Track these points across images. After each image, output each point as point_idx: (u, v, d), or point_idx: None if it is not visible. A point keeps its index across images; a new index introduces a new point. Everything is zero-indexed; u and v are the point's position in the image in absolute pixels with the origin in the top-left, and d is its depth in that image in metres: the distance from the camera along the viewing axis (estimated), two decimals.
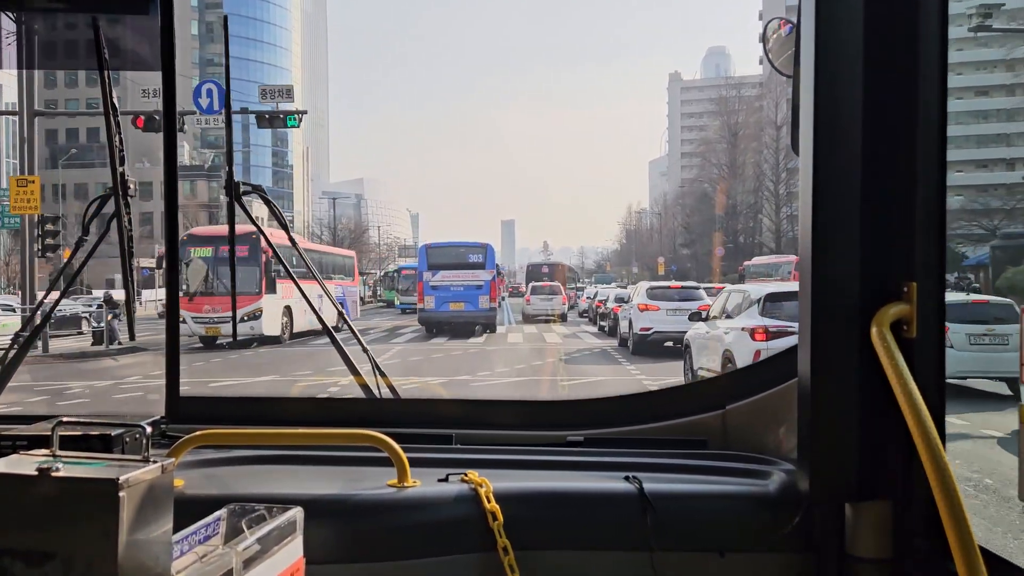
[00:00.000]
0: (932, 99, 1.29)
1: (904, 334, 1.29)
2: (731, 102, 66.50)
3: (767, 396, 1.72)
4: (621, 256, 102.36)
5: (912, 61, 1.29)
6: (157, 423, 1.86)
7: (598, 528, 1.49)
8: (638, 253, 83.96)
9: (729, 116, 64.73)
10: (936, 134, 1.30)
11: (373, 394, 2.27)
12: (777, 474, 1.56)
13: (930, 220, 1.30)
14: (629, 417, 1.85)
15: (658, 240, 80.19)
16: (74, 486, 0.85)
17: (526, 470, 1.65)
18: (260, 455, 1.73)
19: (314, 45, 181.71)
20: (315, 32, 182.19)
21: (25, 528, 0.84)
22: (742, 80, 78.53)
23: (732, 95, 68.00)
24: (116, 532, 0.82)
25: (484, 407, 2.04)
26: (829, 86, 1.33)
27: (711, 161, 67.83)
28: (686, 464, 1.67)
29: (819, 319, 1.35)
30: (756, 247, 52.73)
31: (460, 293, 24.54)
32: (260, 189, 2.45)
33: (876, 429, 1.31)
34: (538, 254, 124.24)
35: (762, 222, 56.74)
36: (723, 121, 65.30)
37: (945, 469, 1.13)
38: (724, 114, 65.54)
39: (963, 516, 1.09)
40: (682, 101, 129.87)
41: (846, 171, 1.33)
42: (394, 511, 1.45)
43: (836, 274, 1.33)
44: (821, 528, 1.42)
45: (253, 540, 1.02)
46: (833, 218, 1.33)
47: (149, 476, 0.88)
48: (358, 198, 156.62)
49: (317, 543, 1.22)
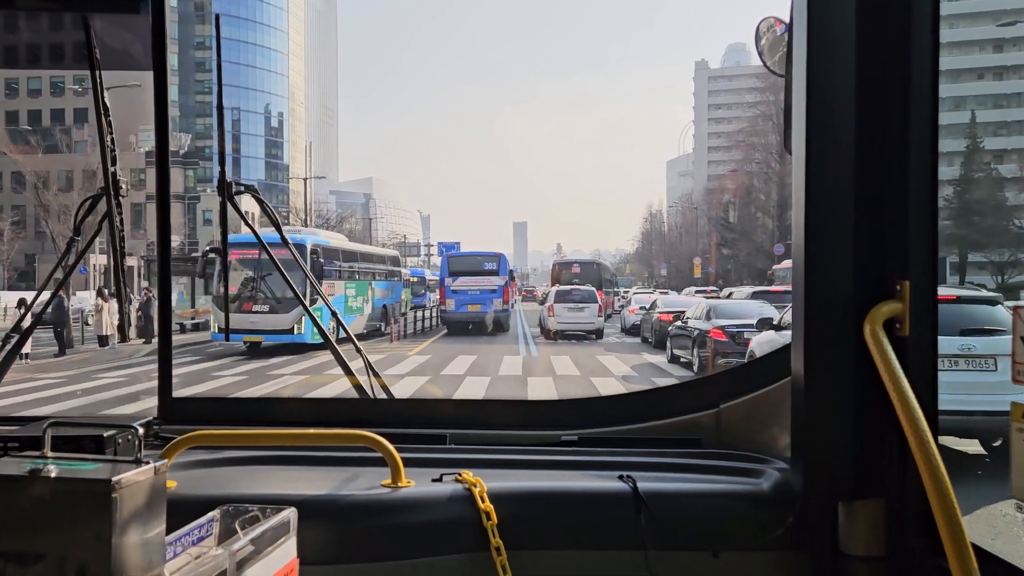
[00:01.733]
0: (924, 98, 1.30)
1: (897, 332, 1.29)
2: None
3: (761, 395, 1.73)
4: (641, 257, 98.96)
5: (904, 61, 1.30)
6: (150, 424, 1.85)
7: (592, 527, 1.49)
8: (668, 254, 79.57)
9: (778, 93, 53.94)
10: (928, 133, 1.30)
11: (367, 394, 2.26)
12: (771, 473, 1.56)
13: (923, 219, 1.30)
14: (623, 416, 1.85)
15: (688, 240, 74.67)
16: (66, 487, 0.84)
17: (520, 470, 1.65)
18: (253, 456, 1.72)
19: (323, 42, 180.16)
20: (325, 29, 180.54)
21: (17, 530, 0.84)
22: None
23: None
24: (109, 534, 0.82)
25: (478, 407, 2.03)
26: (821, 86, 1.33)
27: (758, 144, 57.84)
28: (680, 463, 1.67)
29: (812, 318, 1.35)
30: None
31: (476, 296, 27.81)
32: (253, 189, 2.44)
33: (869, 427, 1.32)
34: (551, 256, 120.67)
35: None
36: (770, 100, 54.65)
37: (938, 467, 1.13)
38: (772, 90, 54.02)
39: (955, 513, 1.09)
40: (709, 92, 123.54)
41: (839, 170, 1.33)
42: (388, 511, 1.45)
43: (829, 273, 1.34)
44: (815, 526, 1.43)
45: (247, 541, 1.02)
46: (826, 217, 1.34)
47: (142, 477, 0.87)
48: (366, 197, 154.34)
49: (311, 544, 1.22)
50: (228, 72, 77.45)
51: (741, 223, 58.65)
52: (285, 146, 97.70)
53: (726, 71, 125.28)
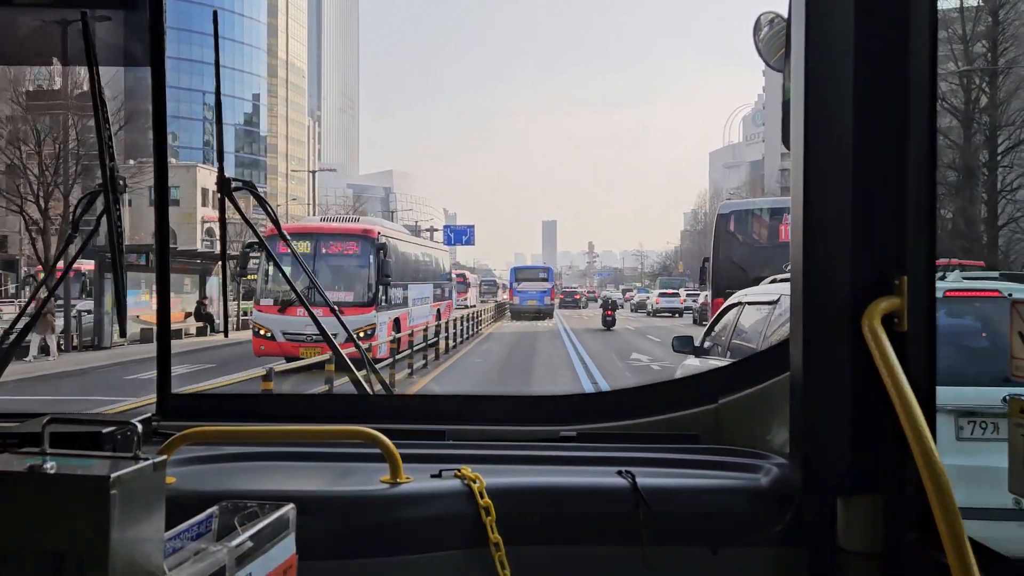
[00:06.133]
0: (922, 93, 1.30)
1: (895, 327, 1.29)
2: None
3: (759, 390, 1.73)
4: (696, 255, 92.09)
5: (902, 56, 1.30)
6: (148, 420, 1.85)
7: (591, 523, 1.50)
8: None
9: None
10: (926, 128, 1.30)
11: (366, 390, 2.26)
12: (769, 468, 1.57)
13: (921, 214, 1.30)
14: (622, 412, 1.85)
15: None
16: (65, 484, 0.84)
17: (519, 465, 1.65)
18: (252, 452, 1.73)
19: (346, 32, 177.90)
20: (346, 18, 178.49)
21: (15, 527, 0.84)
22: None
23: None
24: (107, 530, 0.82)
25: (477, 403, 2.03)
26: (820, 81, 1.33)
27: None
28: (679, 459, 1.67)
29: (811, 313, 1.35)
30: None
31: (533, 295, 43.77)
32: (251, 185, 2.43)
33: (867, 423, 1.32)
34: (581, 256, 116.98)
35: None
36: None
37: (935, 462, 1.13)
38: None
39: (953, 509, 1.10)
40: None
41: (837, 165, 1.33)
42: (387, 507, 1.45)
43: (827, 268, 1.34)
44: (813, 522, 1.43)
45: (246, 537, 1.02)
46: (824, 212, 1.34)
47: (140, 474, 0.87)
48: (386, 191, 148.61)
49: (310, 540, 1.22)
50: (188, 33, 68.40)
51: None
52: (262, 121, 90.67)
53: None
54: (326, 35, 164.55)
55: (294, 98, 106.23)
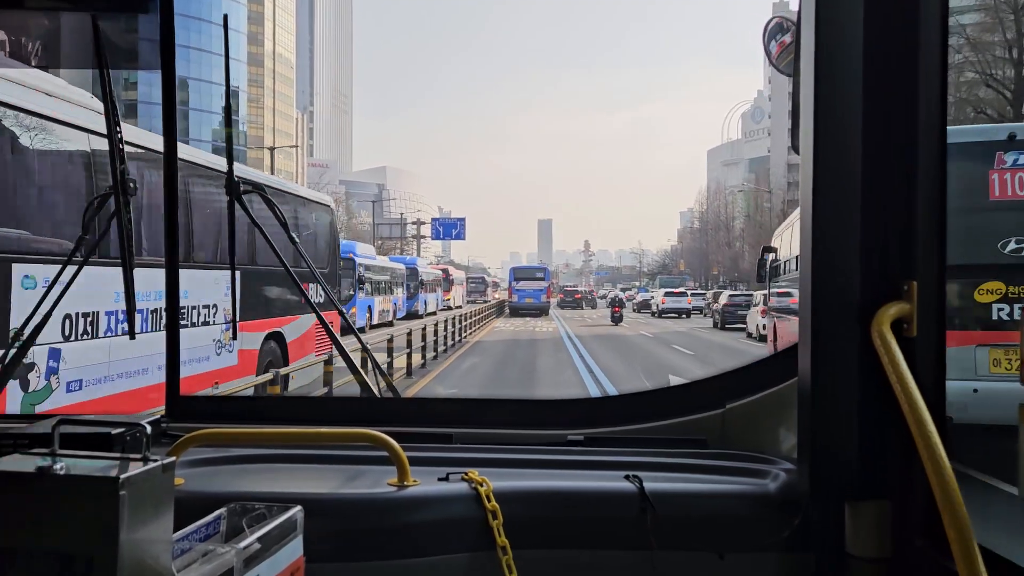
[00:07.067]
0: (932, 98, 1.29)
1: (905, 333, 1.29)
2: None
3: (767, 395, 1.72)
4: (696, 254, 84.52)
5: (912, 60, 1.30)
6: (157, 422, 1.85)
7: (598, 527, 1.49)
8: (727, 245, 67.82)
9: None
10: (936, 133, 1.30)
11: (373, 393, 2.27)
12: (777, 473, 1.56)
13: (931, 219, 1.30)
14: (629, 416, 1.85)
15: (751, 228, 64.34)
16: (74, 485, 0.85)
17: (526, 469, 1.65)
18: (260, 454, 1.73)
19: (338, 28, 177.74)
20: (339, 14, 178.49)
21: (25, 527, 0.84)
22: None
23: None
24: (116, 531, 0.82)
25: (484, 406, 2.03)
26: (829, 85, 1.33)
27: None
28: (686, 463, 1.67)
29: (820, 318, 1.35)
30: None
31: (530, 293, 47.07)
32: (261, 188, 2.44)
33: (876, 428, 1.31)
34: (576, 255, 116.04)
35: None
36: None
37: (944, 468, 1.13)
38: None
39: (962, 515, 1.09)
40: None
41: (847, 170, 1.33)
42: (394, 510, 1.45)
43: (837, 273, 1.33)
44: (821, 527, 1.42)
45: (254, 539, 1.02)
46: (834, 217, 1.33)
47: (149, 475, 0.87)
48: (379, 188, 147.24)
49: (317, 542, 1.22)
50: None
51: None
52: (241, 109, 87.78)
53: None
54: (318, 28, 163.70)
55: (281, 88, 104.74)
